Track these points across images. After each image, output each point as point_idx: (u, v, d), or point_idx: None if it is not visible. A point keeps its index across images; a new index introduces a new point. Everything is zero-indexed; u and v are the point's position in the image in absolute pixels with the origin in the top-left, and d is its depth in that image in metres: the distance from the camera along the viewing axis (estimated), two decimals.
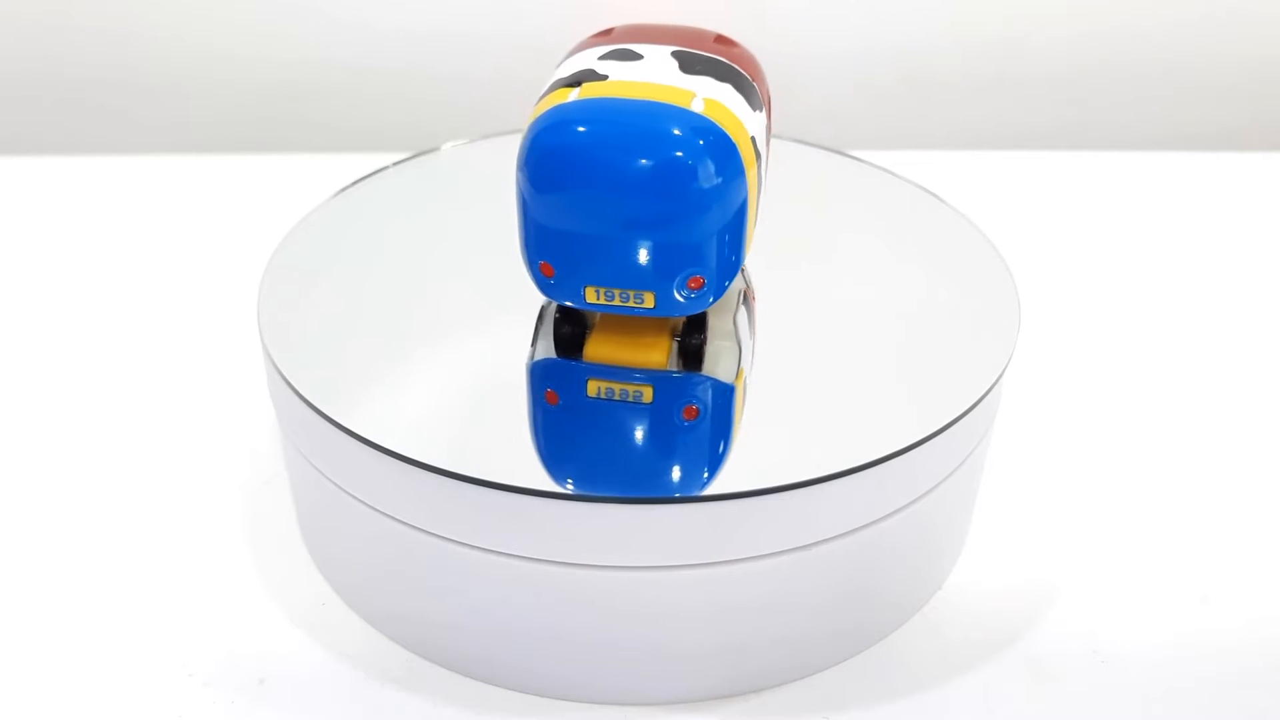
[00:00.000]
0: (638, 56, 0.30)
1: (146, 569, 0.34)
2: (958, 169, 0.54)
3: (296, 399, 0.30)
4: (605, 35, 0.31)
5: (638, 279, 0.29)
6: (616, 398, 0.30)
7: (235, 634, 0.32)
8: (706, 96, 0.28)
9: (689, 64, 0.30)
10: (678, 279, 0.29)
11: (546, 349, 0.31)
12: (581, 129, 0.28)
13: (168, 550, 0.34)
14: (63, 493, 0.36)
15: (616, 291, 0.29)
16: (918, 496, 0.30)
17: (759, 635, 0.30)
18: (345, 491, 0.30)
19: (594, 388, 0.30)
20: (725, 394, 0.30)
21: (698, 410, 0.30)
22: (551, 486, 0.27)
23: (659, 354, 0.31)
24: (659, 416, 0.30)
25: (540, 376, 0.31)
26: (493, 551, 0.28)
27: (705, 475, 0.29)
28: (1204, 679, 0.31)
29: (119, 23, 0.57)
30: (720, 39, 0.31)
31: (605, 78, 0.29)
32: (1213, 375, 0.42)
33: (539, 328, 0.32)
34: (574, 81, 0.29)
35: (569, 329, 0.31)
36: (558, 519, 0.27)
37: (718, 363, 0.31)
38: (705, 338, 0.31)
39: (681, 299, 0.29)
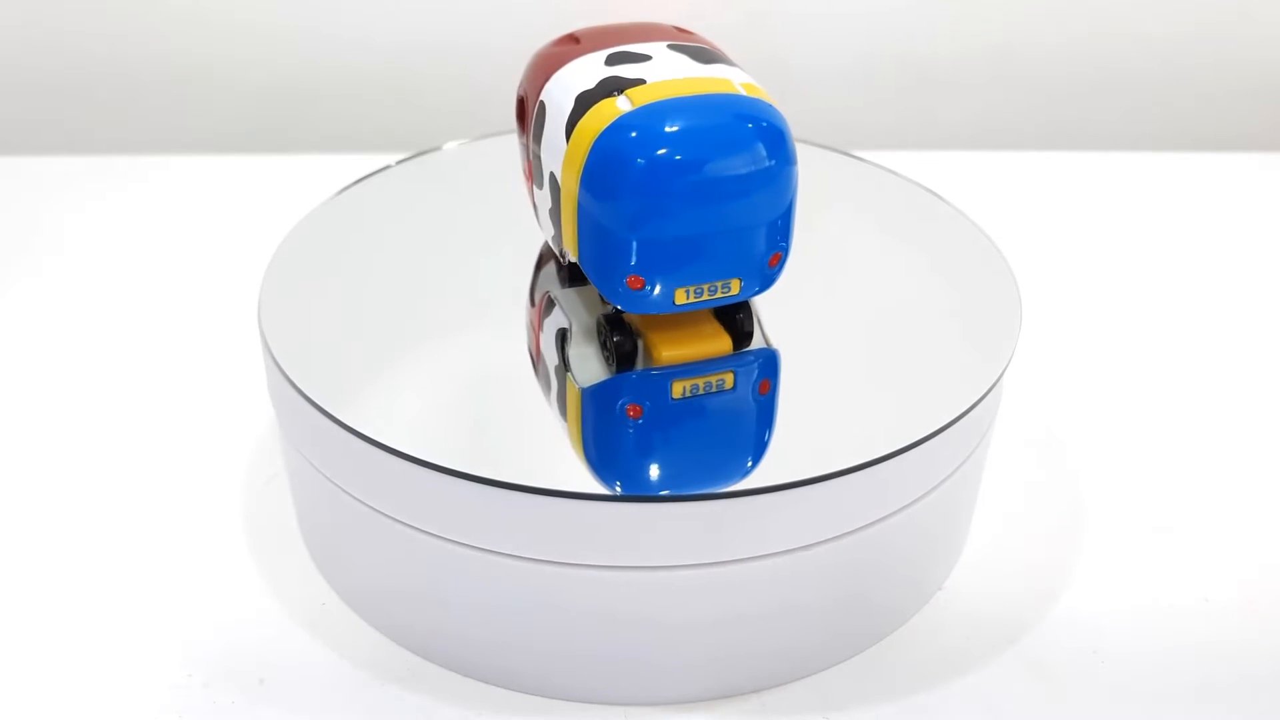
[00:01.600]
0: (645, 57, 0.30)
1: (147, 569, 0.34)
2: (959, 169, 0.54)
3: (298, 397, 0.30)
4: (573, 42, 0.31)
5: (728, 268, 0.29)
6: (702, 392, 0.30)
7: (235, 634, 0.32)
8: (741, 82, 0.29)
9: (696, 55, 0.30)
10: (764, 259, 0.29)
11: (595, 369, 0.31)
12: (670, 133, 0.27)
13: (168, 550, 0.34)
14: (63, 493, 0.36)
15: (706, 286, 0.29)
16: (918, 497, 0.30)
17: (759, 635, 0.30)
18: (345, 491, 0.30)
19: (679, 389, 0.30)
20: (774, 363, 0.31)
21: (769, 383, 0.31)
22: (552, 485, 0.27)
23: (725, 339, 0.31)
24: (739, 399, 0.30)
25: (615, 394, 0.30)
26: (493, 551, 0.28)
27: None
28: (1204, 680, 0.31)
29: (119, 23, 0.57)
30: (682, 30, 0.32)
31: (640, 81, 0.28)
32: (1213, 375, 0.42)
33: (566, 352, 0.31)
34: (607, 91, 0.28)
35: (631, 343, 0.30)
36: (558, 519, 0.27)
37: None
38: (749, 315, 0.31)
39: (763, 278, 0.30)
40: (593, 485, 0.27)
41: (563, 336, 0.32)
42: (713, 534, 0.28)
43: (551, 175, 0.29)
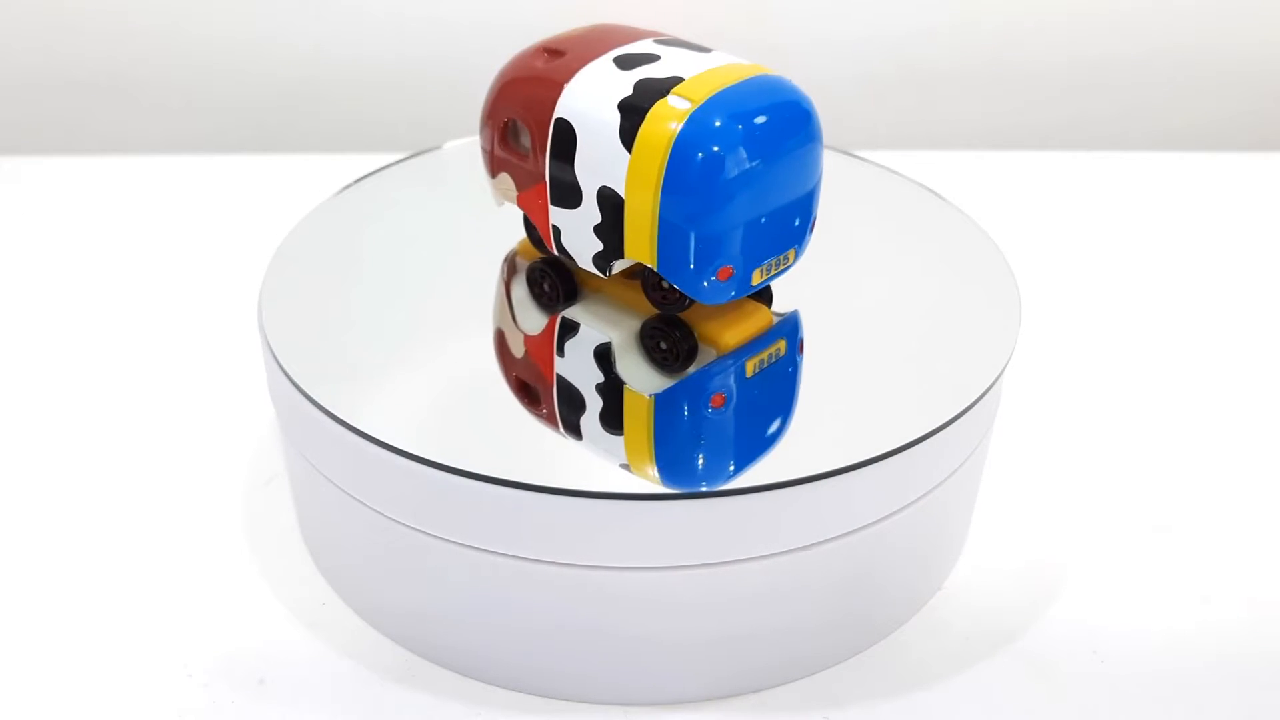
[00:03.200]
0: (654, 56, 0.30)
1: (147, 569, 0.34)
2: (959, 168, 0.54)
3: (298, 397, 0.30)
4: (553, 55, 0.30)
5: (788, 240, 0.30)
6: (768, 364, 0.31)
7: (235, 634, 0.32)
8: (754, 63, 0.30)
9: (691, 48, 0.30)
10: (809, 225, 0.30)
11: (651, 374, 0.30)
12: (747, 121, 0.28)
13: (168, 550, 0.34)
14: (63, 493, 0.36)
15: (773, 262, 0.30)
16: (919, 495, 0.30)
17: (760, 635, 0.30)
18: (345, 491, 0.30)
19: (751, 367, 0.31)
20: (797, 323, 0.33)
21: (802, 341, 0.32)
22: (553, 484, 0.27)
23: (765, 310, 0.32)
24: (791, 364, 0.31)
25: (694, 391, 0.30)
26: (492, 551, 0.28)
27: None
28: (1204, 679, 0.31)
29: (120, 23, 0.57)
30: (649, 31, 0.32)
31: (677, 79, 0.29)
32: (1213, 374, 0.42)
33: (615, 368, 0.31)
34: (653, 93, 0.28)
35: (693, 338, 0.30)
36: (559, 519, 0.27)
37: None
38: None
39: (804, 243, 0.31)
40: (593, 485, 0.27)
41: (605, 353, 0.31)
42: (712, 534, 0.28)
43: (602, 191, 0.29)
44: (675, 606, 0.29)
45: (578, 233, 0.30)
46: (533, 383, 0.30)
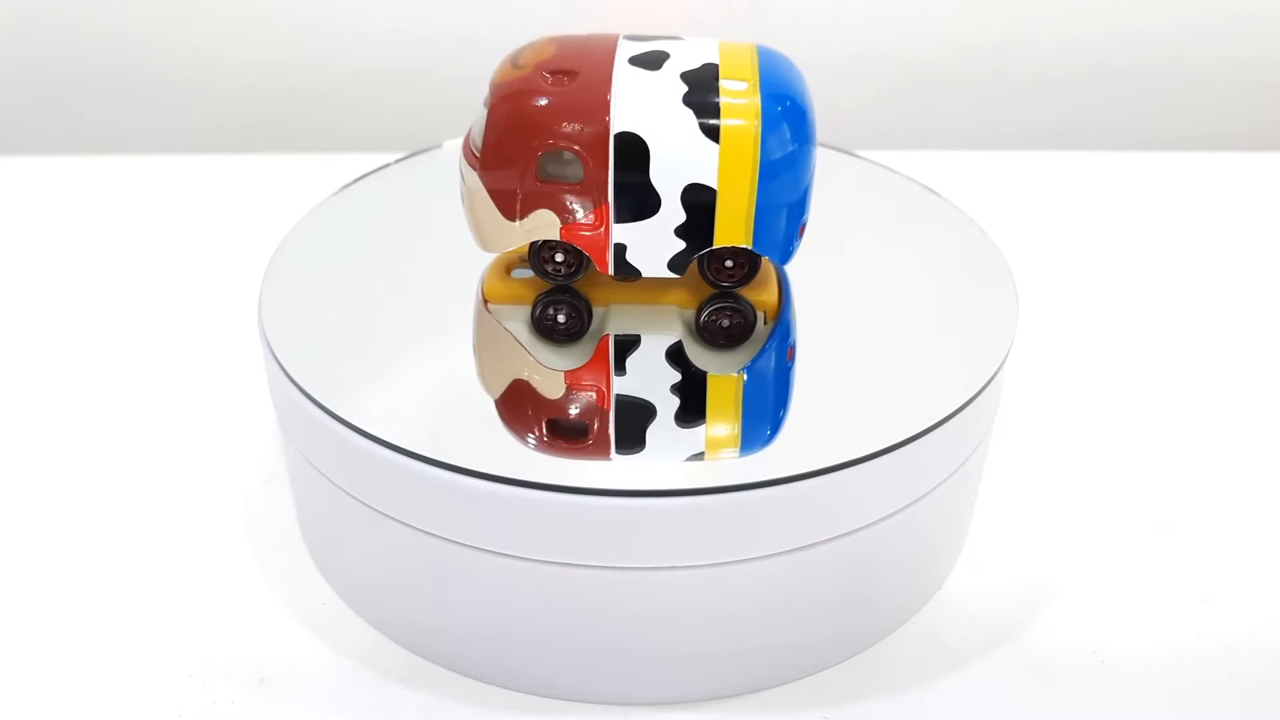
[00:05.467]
0: (665, 54, 0.30)
1: (147, 569, 0.34)
2: (958, 168, 0.54)
3: (298, 396, 0.30)
4: (565, 75, 0.30)
5: None
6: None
7: (236, 634, 0.32)
8: (729, 42, 0.31)
9: (673, 37, 0.31)
10: None
11: (721, 355, 0.31)
12: (797, 86, 0.30)
13: (168, 550, 0.34)
14: (63, 493, 0.36)
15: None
16: (918, 496, 0.30)
17: (759, 635, 0.30)
18: (345, 491, 0.30)
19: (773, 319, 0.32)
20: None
21: None
22: (553, 483, 0.27)
23: (768, 262, 0.33)
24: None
25: (771, 357, 0.31)
26: (493, 551, 0.28)
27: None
28: (1204, 680, 0.31)
29: (119, 23, 0.57)
30: (606, 33, 0.32)
31: (712, 64, 0.30)
32: (1212, 375, 0.42)
33: (690, 364, 0.31)
34: (708, 86, 0.29)
35: (748, 307, 0.32)
36: (558, 518, 0.27)
37: None
38: None
39: None
40: (592, 484, 0.27)
41: (678, 352, 0.31)
42: (712, 533, 0.28)
43: (688, 189, 0.29)
44: (675, 606, 0.29)
45: (652, 241, 0.30)
46: (581, 418, 0.30)
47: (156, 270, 0.47)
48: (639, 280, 0.32)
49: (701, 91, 0.29)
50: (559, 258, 0.31)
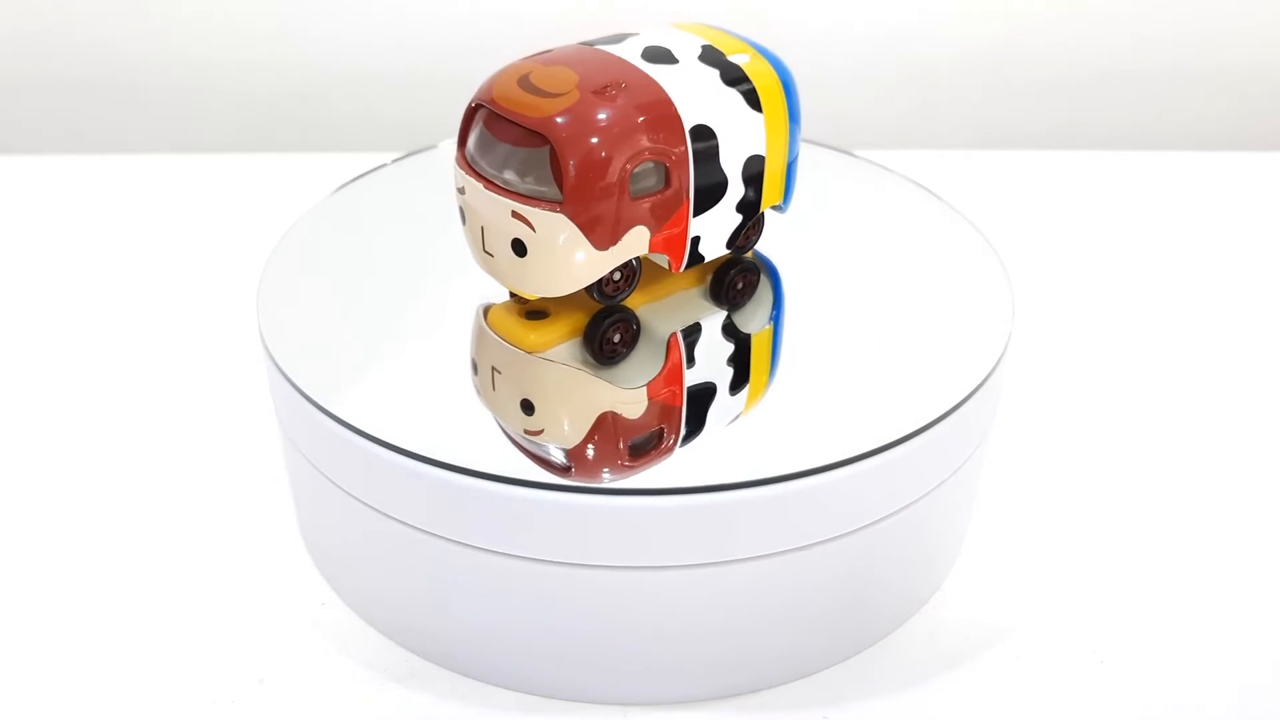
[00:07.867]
0: (666, 49, 0.30)
1: (147, 569, 0.34)
2: (958, 168, 0.54)
3: (297, 396, 0.30)
4: (612, 90, 0.29)
5: None
6: None
7: (235, 634, 0.32)
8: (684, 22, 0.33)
9: (650, 30, 0.32)
10: None
11: (739, 319, 0.33)
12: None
13: (168, 550, 0.34)
14: (63, 493, 0.36)
15: None
16: (917, 497, 0.30)
17: (759, 635, 0.30)
18: (345, 491, 0.30)
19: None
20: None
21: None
22: (552, 483, 0.27)
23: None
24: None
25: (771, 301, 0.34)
26: (493, 551, 0.28)
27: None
28: (1204, 679, 0.31)
29: (120, 23, 0.57)
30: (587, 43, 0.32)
31: (706, 43, 0.31)
32: (1211, 375, 0.42)
33: (744, 336, 0.32)
34: (731, 65, 0.30)
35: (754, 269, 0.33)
36: (558, 518, 0.27)
37: None
38: None
39: None
40: (593, 483, 0.27)
41: (731, 326, 0.33)
42: (712, 533, 0.28)
43: (748, 163, 0.31)
44: (675, 606, 0.29)
45: (719, 225, 0.31)
46: (657, 424, 0.29)
47: (155, 270, 0.47)
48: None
49: (726, 69, 0.30)
50: (616, 276, 0.30)
